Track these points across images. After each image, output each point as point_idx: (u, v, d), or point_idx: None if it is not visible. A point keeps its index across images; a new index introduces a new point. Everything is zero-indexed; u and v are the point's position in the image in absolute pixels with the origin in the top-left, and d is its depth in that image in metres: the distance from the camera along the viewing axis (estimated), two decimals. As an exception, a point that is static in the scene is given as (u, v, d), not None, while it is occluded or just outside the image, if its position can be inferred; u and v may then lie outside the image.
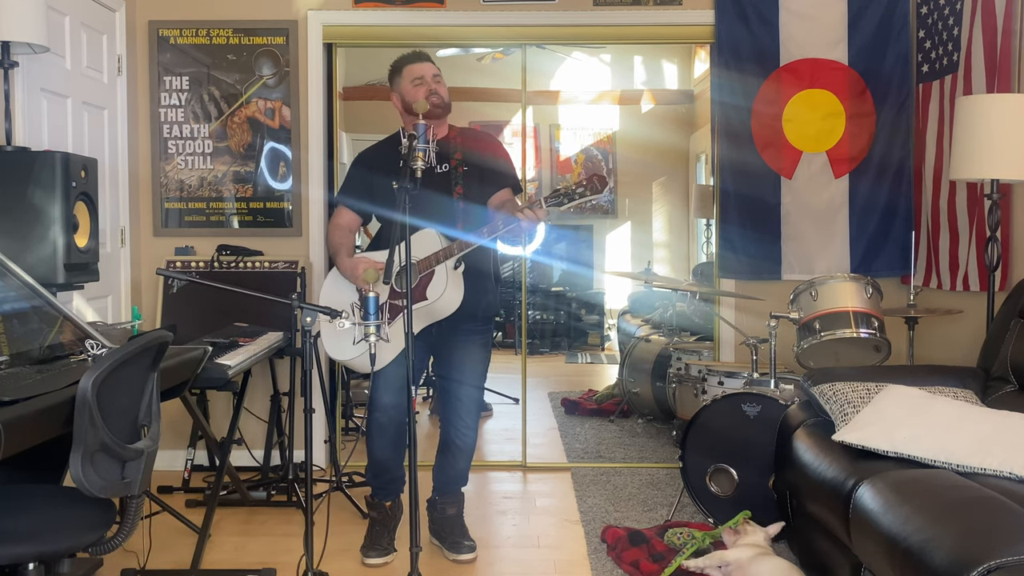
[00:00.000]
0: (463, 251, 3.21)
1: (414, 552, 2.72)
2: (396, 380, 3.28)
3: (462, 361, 3.40)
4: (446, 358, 3.41)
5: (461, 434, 3.44)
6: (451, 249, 3.20)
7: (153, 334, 2.21)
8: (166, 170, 4.60)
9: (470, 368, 3.42)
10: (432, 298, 3.21)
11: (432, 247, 3.22)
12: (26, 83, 3.47)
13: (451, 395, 3.43)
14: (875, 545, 2.30)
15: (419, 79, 3.34)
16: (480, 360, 3.45)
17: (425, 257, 3.20)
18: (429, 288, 3.21)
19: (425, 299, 3.21)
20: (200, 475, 4.32)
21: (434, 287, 3.22)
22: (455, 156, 3.38)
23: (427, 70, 3.37)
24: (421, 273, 3.21)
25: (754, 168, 4.57)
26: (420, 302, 3.20)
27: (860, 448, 2.69)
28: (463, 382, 3.42)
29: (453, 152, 3.40)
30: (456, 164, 3.38)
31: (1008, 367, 3.13)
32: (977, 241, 3.96)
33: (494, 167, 3.46)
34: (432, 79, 3.35)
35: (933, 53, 4.33)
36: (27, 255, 2.99)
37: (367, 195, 3.40)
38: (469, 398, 3.44)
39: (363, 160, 3.47)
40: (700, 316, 5.25)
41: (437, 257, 3.20)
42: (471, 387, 3.44)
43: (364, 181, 3.41)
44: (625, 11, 4.57)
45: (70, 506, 2.17)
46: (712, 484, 3.56)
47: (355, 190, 3.44)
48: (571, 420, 5.65)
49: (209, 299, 4.17)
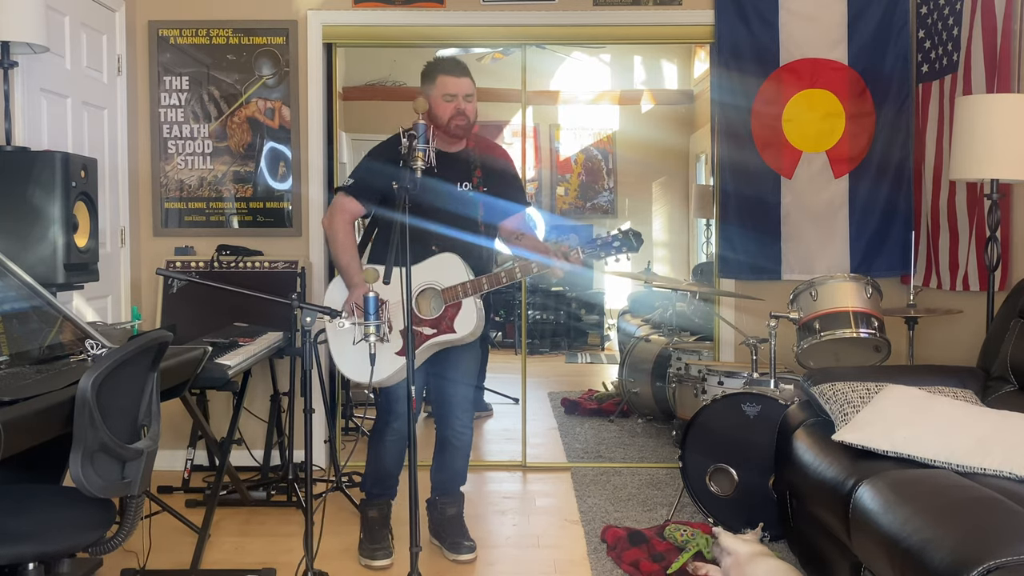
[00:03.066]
0: (494, 287, 3.17)
1: (414, 552, 2.72)
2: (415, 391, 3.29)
3: (457, 361, 3.39)
4: (441, 358, 3.38)
5: (457, 433, 3.44)
6: (481, 284, 3.15)
7: (153, 334, 2.21)
8: (166, 170, 4.60)
9: (464, 367, 3.41)
10: (461, 332, 3.18)
11: (457, 275, 3.17)
12: (26, 83, 3.47)
13: (446, 394, 3.43)
14: (875, 545, 2.30)
15: (451, 96, 3.23)
16: (474, 359, 3.44)
17: (452, 286, 3.15)
18: (457, 321, 3.17)
19: (453, 332, 3.17)
20: (200, 475, 4.32)
21: (463, 321, 3.17)
22: (475, 174, 3.32)
23: (462, 87, 3.24)
24: (448, 302, 3.16)
25: (754, 168, 4.58)
26: (447, 335, 3.17)
27: (860, 448, 2.69)
28: (458, 381, 3.41)
29: (473, 168, 3.33)
30: (477, 183, 3.31)
31: (1008, 367, 3.13)
32: (977, 241, 3.96)
33: (511, 187, 3.40)
34: (464, 98, 3.24)
35: (933, 53, 4.33)
36: (27, 255, 2.99)
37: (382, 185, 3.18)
38: (464, 397, 3.43)
39: (379, 152, 3.31)
40: (700, 316, 5.25)
41: (465, 289, 3.15)
42: (466, 386, 3.44)
43: (382, 172, 3.20)
44: (625, 11, 4.57)
45: (70, 506, 2.17)
46: (712, 484, 3.56)
47: (371, 179, 3.27)
48: (571, 420, 5.65)
49: (209, 299, 4.16)
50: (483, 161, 3.36)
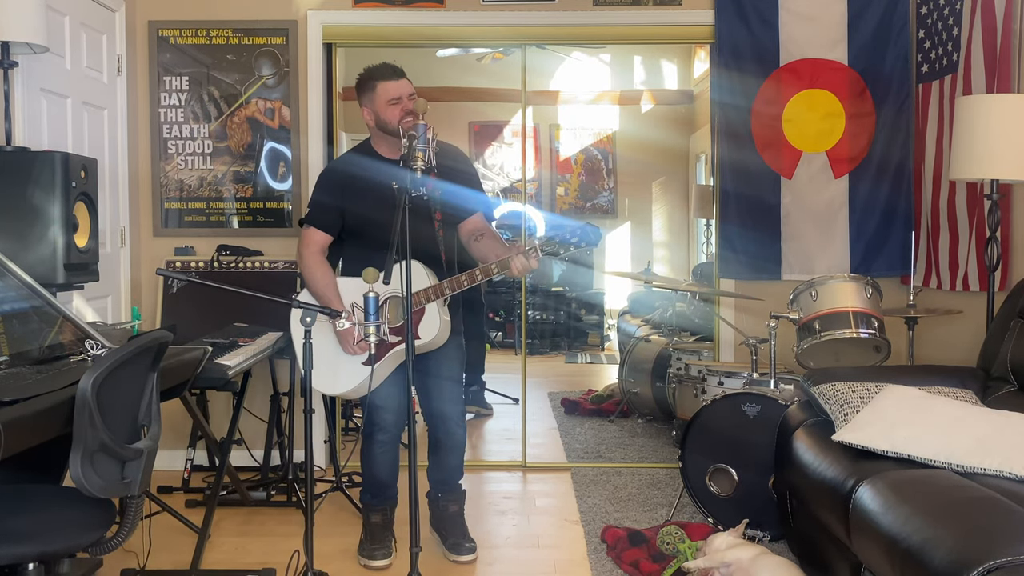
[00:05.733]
0: (455, 291, 3.16)
1: (414, 552, 2.72)
2: (394, 399, 3.30)
3: (439, 359, 3.37)
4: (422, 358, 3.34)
5: (449, 431, 3.43)
6: (442, 288, 3.14)
7: (153, 334, 2.21)
8: (166, 170, 4.60)
9: (448, 365, 3.40)
10: (425, 338, 3.18)
11: (420, 281, 3.15)
12: (26, 83, 3.47)
13: (431, 394, 3.42)
14: (875, 545, 2.30)
15: (396, 100, 3.24)
16: (456, 358, 3.44)
17: (415, 292, 3.11)
18: (421, 327, 3.17)
19: (418, 338, 3.15)
20: (200, 475, 4.32)
21: (426, 326, 3.17)
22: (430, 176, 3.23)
23: (403, 89, 3.26)
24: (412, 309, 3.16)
25: (754, 168, 4.58)
26: None
27: (860, 448, 2.69)
28: (441, 377, 3.40)
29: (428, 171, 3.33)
30: (432, 187, 3.27)
31: (1008, 367, 3.13)
32: (977, 241, 3.96)
33: (468, 190, 3.38)
34: (408, 98, 3.25)
35: (933, 53, 4.33)
36: (27, 255, 2.99)
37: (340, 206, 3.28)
38: (452, 394, 3.43)
39: (328, 176, 3.39)
40: (700, 316, 5.25)
41: (427, 295, 3.14)
42: (452, 383, 3.43)
43: (337, 193, 3.30)
44: (625, 11, 4.57)
45: (70, 506, 2.17)
46: (712, 484, 3.56)
47: (325, 205, 3.32)
48: (571, 420, 5.65)
49: (209, 299, 4.16)
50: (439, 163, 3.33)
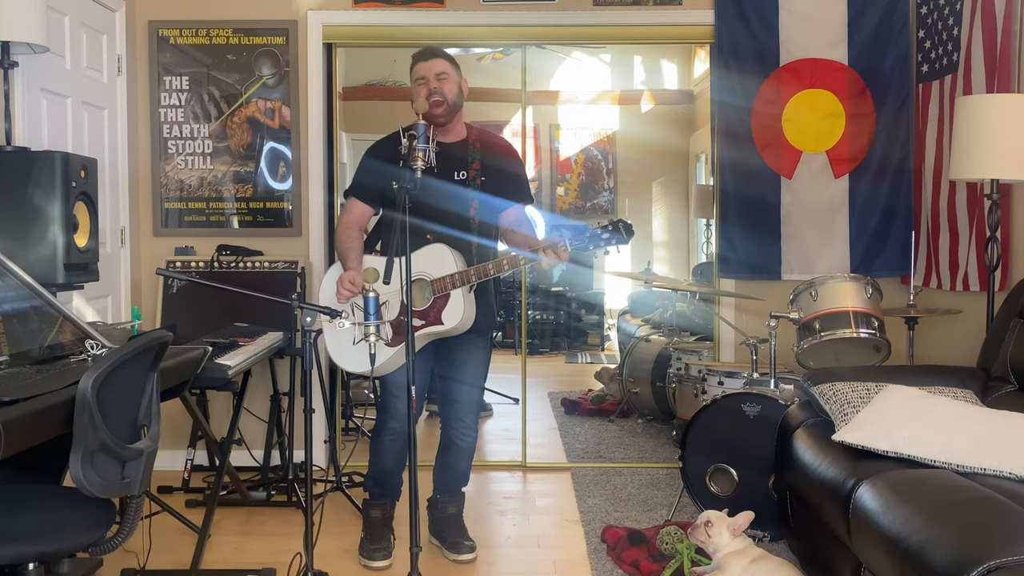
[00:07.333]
0: (481, 279, 3.16)
1: (414, 552, 2.72)
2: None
3: (463, 362, 3.39)
4: (447, 359, 3.39)
5: (462, 434, 3.44)
6: (469, 275, 3.14)
7: (153, 334, 2.21)
8: (166, 170, 4.60)
9: (471, 369, 3.41)
10: (448, 324, 3.17)
11: (446, 266, 3.15)
12: (26, 83, 3.47)
13: (451, 395, 3.43)
14: (875, 545, 2.30)
15: (421, 79, 3.23)
16: (481, 361, 3.44)
17: (440, 277, 3.14)
18: (445, 313, 3.16)
19: (441, 324, 3.16)
20: (200, 475, 4.32)
21: (450, 313, 3.16)
22: (473, 166, 3.29)
23: (431, 69, 3.24)
24: (436, 294, 3.15)
25: (754, 168, 4.58)
26: (435, 326, 3.16)
27: (860, 448, 2.69)
28: (463, 382, 3.41)
29: (472, 160, 3.30)
30: (475, 175, 3.29)
31: (1008, 367, 3.13)
32: (977, 241, 3.96)
33: (512, 182, 3.37)
34: (435, 77, 3.22)
35: (933, 53, 4.33)
36: (27, 255, 2.99)
37: (380, 184, 3.27)
38: (470, 398, 3.43)
39: (375, 151, 3.36)
40: (700, 316, 5.25)
41: (454, 280, 3.14)
42: (471, 387, 3.44)
43: (377, 171, 3.29)
44: (625, 11, 4.57)
45: (70, 506, 2.17)
46: (712, 484, 3.56)
47: (368, 179, 3.33)
48: (571, 420, 5.65)
49: (209, 299, 4.16)
50: (483, 155, 3.34)
